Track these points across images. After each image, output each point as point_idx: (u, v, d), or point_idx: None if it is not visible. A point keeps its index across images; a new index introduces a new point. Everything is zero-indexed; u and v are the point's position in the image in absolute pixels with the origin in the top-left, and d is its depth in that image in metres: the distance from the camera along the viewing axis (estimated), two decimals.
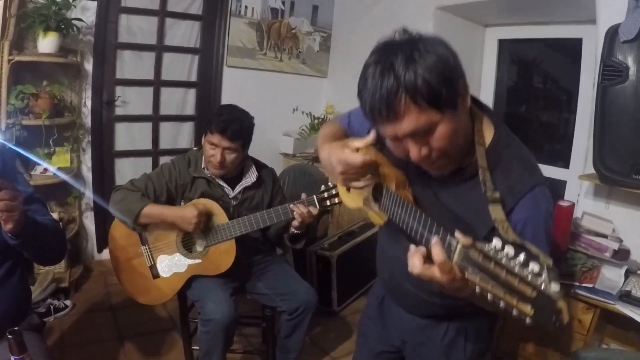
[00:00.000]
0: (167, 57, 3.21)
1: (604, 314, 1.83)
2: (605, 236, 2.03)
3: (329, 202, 1.78)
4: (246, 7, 3.40)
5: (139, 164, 3.21)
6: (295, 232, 1.84)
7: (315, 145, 3.58)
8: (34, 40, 2.51)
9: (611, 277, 1.89)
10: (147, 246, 1.86)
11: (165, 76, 3.23)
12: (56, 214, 2.62)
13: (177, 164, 1.90)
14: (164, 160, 3.19)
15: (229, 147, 1.80)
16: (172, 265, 1.86)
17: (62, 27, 2.48)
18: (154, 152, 3.30)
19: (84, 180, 2.97)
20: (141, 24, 3.05)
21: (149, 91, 3.20)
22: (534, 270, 0.60)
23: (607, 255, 1.95)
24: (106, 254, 2.05)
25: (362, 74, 0.84)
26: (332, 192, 1.77)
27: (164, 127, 3.33)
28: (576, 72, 2.60)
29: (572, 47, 2.63)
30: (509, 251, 0.63)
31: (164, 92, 3.26)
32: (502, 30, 3.03)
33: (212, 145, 1.81)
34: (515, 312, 0.62)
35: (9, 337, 0.89)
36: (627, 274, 1.89)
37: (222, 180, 1.90)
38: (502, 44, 3.08)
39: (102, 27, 2.85)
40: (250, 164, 1.97)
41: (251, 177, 1.94)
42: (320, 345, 2.43)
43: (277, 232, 1.98)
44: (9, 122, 2.35)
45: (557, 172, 2.69)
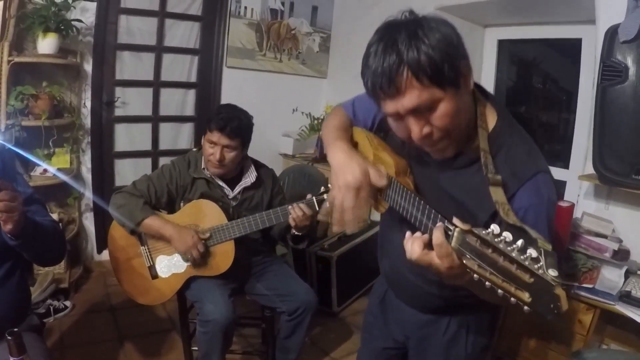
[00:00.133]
0: (167, 57, 3.21)
1: (604, 315, 1.83)
2: (605, 236, 2.03)
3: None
4: (246, 7, 3.40)
5: (139, 165, 3.21)
6: (296, 233, 1.83)
7: (314, 146, 3.57)
8: (34, 41, 2.51)
9: (611, 277, 1.89)
10: (146, 247, 1.86)
11: (164, 77, 3.23)
12: (56, 215, 2.62)
13: (177, 165, 1.90)
14: (163, 161, 3.19)
15: (228, 144, 1.80)
16: (171, 265, 1.85)
17: (62, 28, 2.48)
18: (154, 153, 3.30)
19: (84, 181, 2.97)
20: (141, 24, 3.05)
21: (149, 92, 3.20)
22: (531, 255, 0.59)
23: (607, 255, 1.95)
24: (106, 255, 2.04)
25: (365, 52, 0.84)
26: None
27: (163, 127, 3.33)
28: (576, 72, 2.60)
29: (572, 47, 2.62)
30: (507, 236, 0.63)
31: (164, 92, 3.26)
32: (501, 30, 3.02)
33: (212, 143, 1.81)
34: (513, 300, 0.61)
35: (9, 338, 0.89)
36: (627, 275, 1.89)
37: (221, 180, 1.89)
38: (502, 44, 3.08)
39: (101, 28, 2.85)
40: (249, 164, 1.97)
41: (250, 177, 1.94)
42: (320, 345, 2.43)
43: (281, 233, 1.97)
44: (9, 123, 2.35)
45: (556, 172, 2.64)
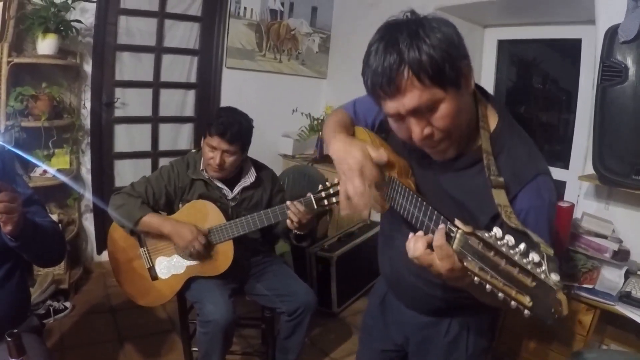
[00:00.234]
0: (167, 58, 3.21)
1: (604, 315, 1.83)
2: (605, 237, 2.03)
3: (327, 202, 1.69)
4: (245, 8, 3.40)
5: (139, 166, 3.21)
6: (296, 232, 1.81)
7: (314, 146, 3.57)
8: (33, 42, 2.50)
9: (611, 277, 1.89)
10: (145, 248, 1.86)
11: (164, 77, 3.23)
12: (55, 216, 2.62)
13: (176, 167, 1.90)
14: (163, 161, 3.19)
15: (228, 149, 1.79)
16: (170, 266, 1.85)
17: (61, 28, 2.48)
18: (154, 154, 3.30)
19: (84, 181, 2.97)
20: (140, 25, 3.05)
21: (149, 92, 3.20)
22: (534, 259, 0.59)
23: (607, 256, 1.95)
24: (106, 256, 2.04)
25: (366, 51, 0.83)
26: (330, 191, 1.68)
27: (163, 128, 3.33)
28: (576, 73, 2.60)
29: (572, 48, 2.63)
30: (509, 240, 0.62)
31: (163, 93, 3.26)
32: (501, 30, 3.02)
33: (211, 147, 1.80)
34: (513, 303, 0.61)
35: (8, 339, 0.88)
36: (627, 275, 1.89)
37: (220, 181, 1.89)
38: (502, 44, 3.08)
39: (101, 29, 2.85)
40: (249, 165, 1.96)
41: (250, 177, 1.93)
42: (319, 346, 2.43)
43: (284, 230, 1.95)
44: (8, 124, 2.35)
45: (556, 172, 2.66)
